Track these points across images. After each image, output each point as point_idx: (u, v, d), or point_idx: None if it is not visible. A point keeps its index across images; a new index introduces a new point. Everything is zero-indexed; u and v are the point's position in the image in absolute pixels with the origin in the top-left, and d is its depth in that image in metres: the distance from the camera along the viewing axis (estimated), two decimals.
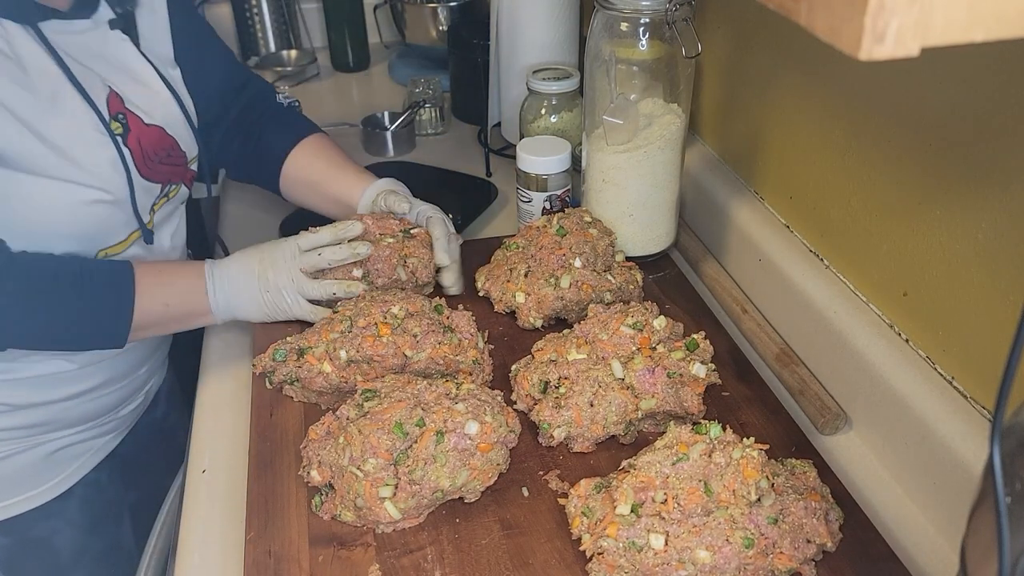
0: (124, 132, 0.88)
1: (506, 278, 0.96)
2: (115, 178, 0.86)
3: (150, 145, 0.92)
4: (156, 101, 0.93)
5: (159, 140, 0.93)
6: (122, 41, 0.91)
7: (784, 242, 0.95)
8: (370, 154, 1.42)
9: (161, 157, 0.93)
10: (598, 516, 0.67)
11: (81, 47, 0.86)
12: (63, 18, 0.84)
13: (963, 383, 0.72)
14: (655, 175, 1.00)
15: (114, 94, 0.88)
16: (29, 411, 0.93)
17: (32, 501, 0.99)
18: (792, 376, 0.88)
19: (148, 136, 0.91)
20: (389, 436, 0.70)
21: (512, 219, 1.20)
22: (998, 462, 0.34)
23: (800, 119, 0.91)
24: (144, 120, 0.91)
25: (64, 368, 0.93)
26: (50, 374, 0.92)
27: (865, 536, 0.70)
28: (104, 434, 1.05)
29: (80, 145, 0.83)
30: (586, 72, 1.00)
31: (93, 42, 0.88)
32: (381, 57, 1.84)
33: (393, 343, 0.82)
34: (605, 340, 0.81)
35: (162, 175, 0.94)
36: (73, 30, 0.85)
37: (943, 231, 0.72)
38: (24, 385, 0.92)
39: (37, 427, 0.95)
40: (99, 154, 0.85)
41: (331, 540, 0.71)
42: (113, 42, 0.90)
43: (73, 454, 1.01)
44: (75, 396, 0.96)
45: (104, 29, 0.89)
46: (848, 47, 0.28)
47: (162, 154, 0.93)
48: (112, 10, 0.90)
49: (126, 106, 0.89)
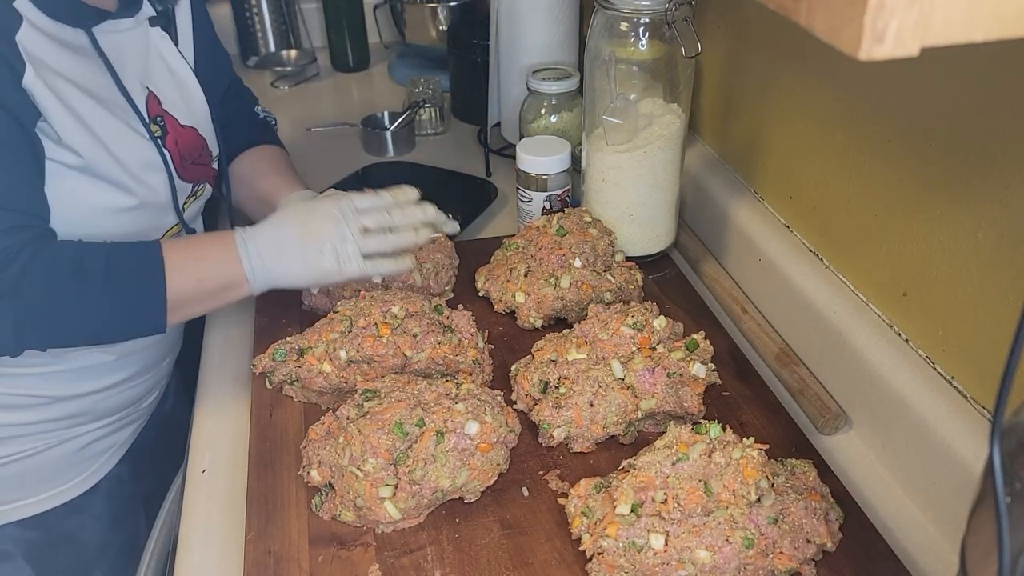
0: (163, 135, 0.89)
1: (506, 278, 0.96)
2: (158, 181, 0.87)
3: (186, 146, 0.92)
4: (190, 101, 0.94)
5: (193, 141, 0.94)
6: (162, 39, 0.91)
7: (784, 242, 0.95)
8: (370, 154, 1.42)
9: (194, 157, 0.94)
10: (598, 516, 0.67)
11: (124, 47, 0.86)
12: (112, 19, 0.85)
13: (963, 383, 0.72)
14: (655, 175, 1.00)
15: (152, 96, 0.89)
16: (66, 403, 0.94)
17: (63, 496, 0.99)
18: (792, 376, 0.88)
19: (184, 137, 0.92)
20: (389, 436, 0.70)
21: (512, 219, 1.20)
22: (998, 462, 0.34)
23: (800, 119, 0.91)
24: (180, 121, 0.92)
25: (103, 360, 0.94)
26: (89, 366, 0.93)
27: (865, 536, 0.70)
28: (127, 426, 1.06)
29: (126, 148, 0.84)
30: (586, 72, 1.00)
31: (135, 41, 0.88)
32: (381, 57, 1.84)
33: (393, 343, 0.82)
34: (605, 340, 0.81)
35: (194, 175, 0.95)
36: (118, 29, 0.86)
37: (943, 231, 0.72)
38: (64, 377, 0.92)
39: (72, 419, 0.96)
40: (143, 157, 0.86)
41: (331, 540, 0.71)
42: (154, 40, 0.90)
43: (101, 448, 1.02)
44: (110, 387, 0.97)
45: (145, 27, 0.89)
46: (848, 47, 0.28)
47: (195, 154, 0.94)
48: (153, 7, 0.90)
49: (164, 107, 0.90)
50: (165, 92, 0.91)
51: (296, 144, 1.50)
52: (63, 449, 0.97)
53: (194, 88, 0.94)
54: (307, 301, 0.98)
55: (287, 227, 0.82)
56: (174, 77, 0.92)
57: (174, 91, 0.92)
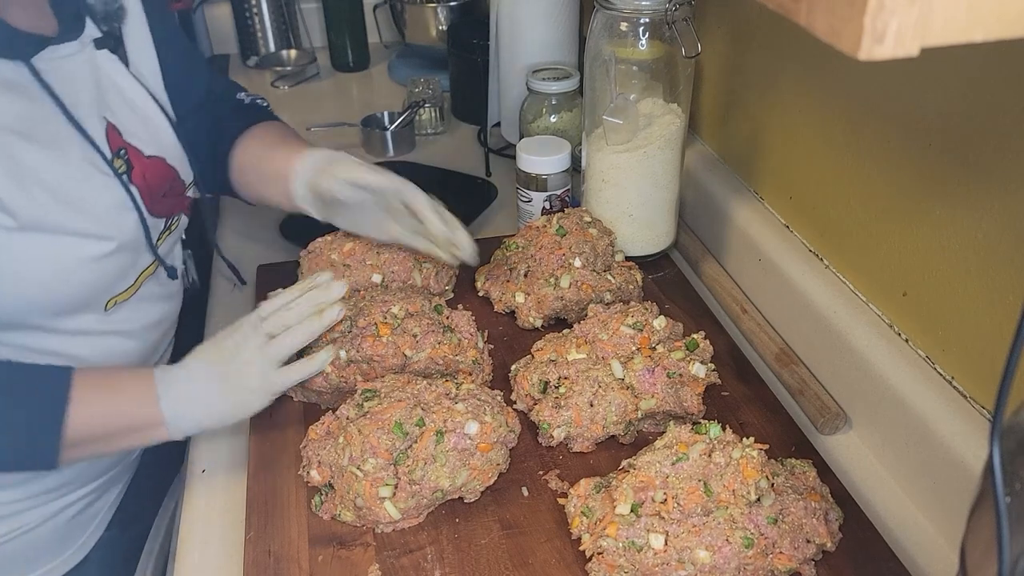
0: (128, 169, 0.81)
1: (506, 278, 0.96)
2: (126, 222, 0.80)
3: (154, 179, 0.84)
4: (153, 129, 0.85)
5: (162, 173, 0.86)
6: (111, 62, 0.82)
7: (784, 242, 0.95)
8: (370, 154, 1.42)
9: (164, 190, 0.86)
10: (598, 516, 0.67)
11: (70, 75, 0.77)
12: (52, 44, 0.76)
13: (963, 383, 0.72)
14: (655, 175, 1.00)
15: (112, 127, 0.80)
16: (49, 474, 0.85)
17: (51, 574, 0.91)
18: (792, 376, 0.88)
19: (152, 169, 0.84)
20: (389, 436, 0.70)
21: (512, 219, 1.20)
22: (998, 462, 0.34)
23: (800, 119, 0.91)
24: (144, 152, 0.83)
25: None
26: None
27: (865, 536, 0.70)
28: (115, 483, 0.98)
29: (88, 191, 0.76)
30: (586, 72, 1.00)
31: (82, 67, 0.79)
32: (381, 57, 1.84)
33: (393, 343, 0.82)
34: (605, 340, 0.81)
35: (166, 209, 0.87)
36: (60, 55, 0.77)
37: (943, 231, 0.72)
38: None
39: (53, 492, 0.88)
40: (108, 197, 0.78)
41: (331, 540, 0.71)
42: (103, 65, 0.81)
43: (90, 515, 0.95)
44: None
45: (91, 50, 0.80)
46: (848, 47, 0.28)
47: (165, 186, 0.86)
48: (98, 28, 0.80)
49: (125, 139, 0.81)
50: (125, 122, 0.82)
51: None
52: (48, 527, 0.89)
53: (153, 113, 0.85)
54: None
55: (209, 366, 0.75)
56: (131, 104, 0.83)
57: (133, 120, 0.83)
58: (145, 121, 0.85)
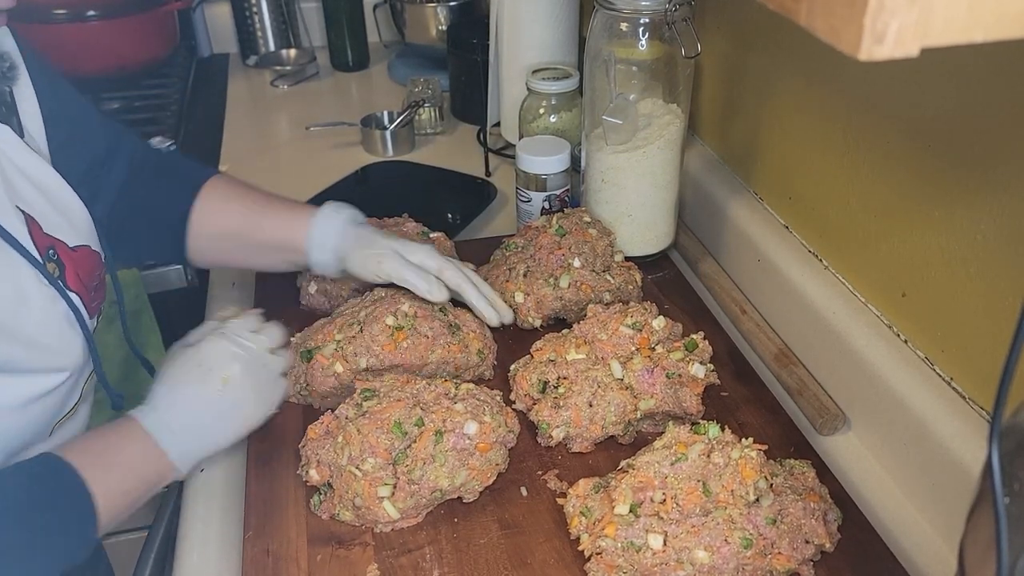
0: (61, 272, 0.67)
1: (505, 278, 0.96)
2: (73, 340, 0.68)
3: (86, 275, 0.71)
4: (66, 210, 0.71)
5: (92, 264, 0.73)
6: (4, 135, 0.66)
7: (783, 242, 0.95)
8: (369, 153, 1.42)
9: (96, 283, 0.73)
10: (597, 516, 0.67)
11: None
12: None
13: (962, 383, 0.72)
14: (654, 175, 1.00)
15: (32, 221, 0.66)
16: None
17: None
18: (791, 376, 0.88)
19: (82, 264, 0.71)
20: (388, 436, 0.70)
21: (511, 219, 1.20)
22: (996, 463, 0.34)
23: (800, 119, 0.91)
24: (69, 244, 0.70)
25: None
26: None
27: (863, 536, 0.70)
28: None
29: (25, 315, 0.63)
30: (586, 72, 1.00)
31: None
32: (380, 57, 1.84)
33: (413, 349, 0.82)
34: (604, 340, 0.81)
35: (98, 302, 0.75)
36: None
37: (942, 232, 0.72)
38: None
39: None
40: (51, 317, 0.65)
41: (329, 539, 0.71)
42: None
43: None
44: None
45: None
46: (848, 47, 0.28)
47: (95, 280, 0.73)
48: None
49: (47, 232, 0.67)
50: (38, 210, 0.67)
51: (295, 143, 1.51)
52: None
53: (59, 191, 0.70)
54: (304, 301, 0.98)
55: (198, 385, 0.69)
56: (38, 185, 0.68)
57: (46, 205, 0.68)
58: (57, 204, 0.70)
